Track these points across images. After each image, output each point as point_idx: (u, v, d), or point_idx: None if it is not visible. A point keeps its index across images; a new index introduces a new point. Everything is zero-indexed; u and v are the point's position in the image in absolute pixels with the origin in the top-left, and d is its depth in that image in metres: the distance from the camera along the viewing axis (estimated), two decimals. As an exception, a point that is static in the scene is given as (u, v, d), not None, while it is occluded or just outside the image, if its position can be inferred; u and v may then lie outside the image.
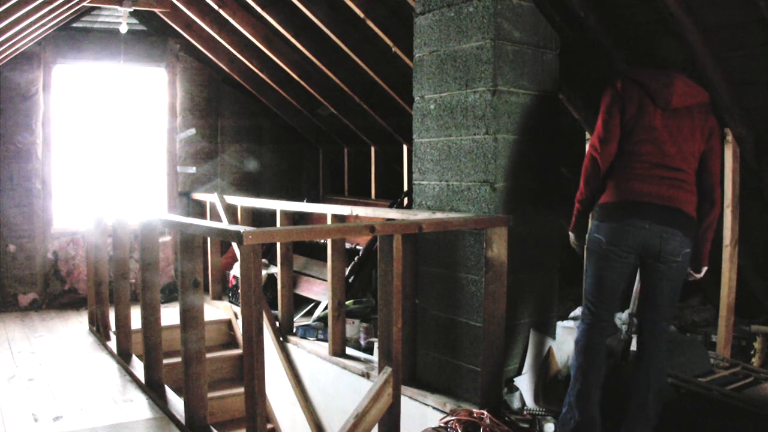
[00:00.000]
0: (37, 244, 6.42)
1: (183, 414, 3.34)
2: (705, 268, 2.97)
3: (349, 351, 4.40)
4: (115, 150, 6.86)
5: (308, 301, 5.60)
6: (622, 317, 3.79)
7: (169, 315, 4.53)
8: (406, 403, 3.28)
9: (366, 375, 4.00)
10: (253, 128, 7.54)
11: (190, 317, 3.20)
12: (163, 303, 4.29)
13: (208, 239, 6.01)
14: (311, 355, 4.61)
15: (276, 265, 5.24)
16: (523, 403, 3.26)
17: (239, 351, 5.61)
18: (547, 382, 3.29)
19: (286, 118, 7.27)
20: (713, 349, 3.68)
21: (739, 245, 3.57)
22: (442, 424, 3.10)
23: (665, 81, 2.80)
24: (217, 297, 6.26)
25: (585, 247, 3.01)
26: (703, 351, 3.49)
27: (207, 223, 4.69)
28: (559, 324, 3.65)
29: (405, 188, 6.09)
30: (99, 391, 3.99)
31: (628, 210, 2.76)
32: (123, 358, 4.49)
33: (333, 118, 6.71)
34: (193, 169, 7.12)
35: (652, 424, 2.74)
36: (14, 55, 6.03)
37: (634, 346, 3.52)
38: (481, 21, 3.32)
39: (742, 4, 2.80)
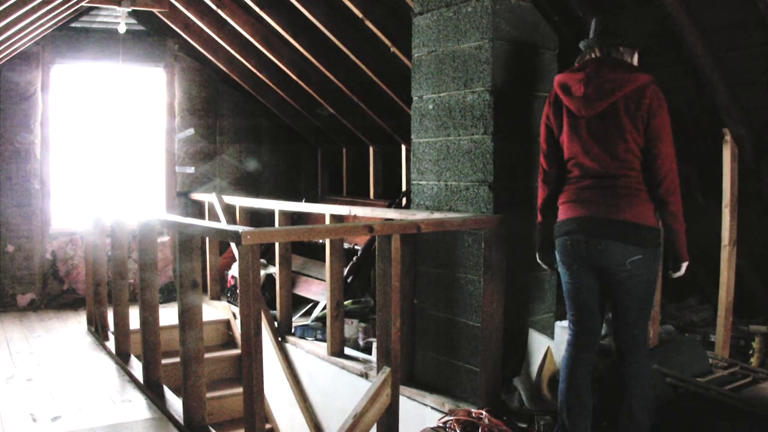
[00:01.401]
0: (36, 244, 6.42)
1: (181, 414, 3.34)
2: (685, 264, 2.74)
3: (347, 351, 4.39)
4: (113, 150, 6.86)
5: (307, 301, 5.59)
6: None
7: (168, 315, 4.52)
8: (404, 403, 3.28)
9: (364, 375, 4.00)
10: (251, 128, 7.54)
11: (189, 317, 3.20)
12: (161, 303, 4.28)
13: (207, 239, 6.01)
14: (310, 355, 4.61)
15: (274, 265, 5.24)
16: (522, 403, 3.26)
17: (238, 351, 5.60)
18: (546, 382, 3.29)
19: (285, 118, 7.27)
20: (712, 348, 3.69)
21: (737, 245, 3.57)
22: (441, 424, 3.10)
23: (578, 86, 2.68)
24: (216, 297, 6.25)
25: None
26: (702, 351, 3.49)
27: (205, 223, 4.69)
28: (558, 324, 3.64)
29: (403, 188, 6.09)
30: (97, 391, 3.99)
31: (567, 226, 2.77)
32: (121, 358, 4.49)
33: (332, 119, 6.71)
34: (191, 169, 7.12)
35: (645, 427, 2.73)
36: (13, 55, 6.03)
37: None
38: (480, 21, 3.32)
39: (742, 4, 2.80)
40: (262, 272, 5.71)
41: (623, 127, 2.62)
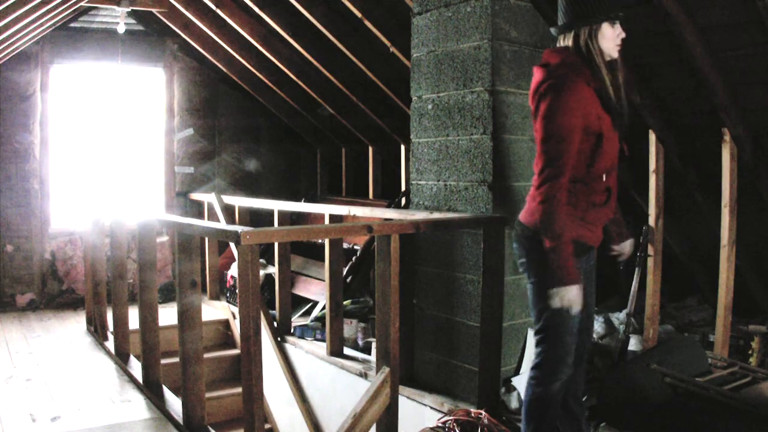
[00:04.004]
0: (35, 244, 6.41)
1: (181, 414, 3.34)
2: (560, 291, 2.31)
3: (346, 351, 4.39)
4: (112, 150, 6.86)
5: (306, 301, 5.59)
6: (620, 317, 3.79)
7: (167, 315, 4.52)
8: (403, 403, 3.28)
9: (364, 375, 4.00)
10: (251, 128, 7.54)
11: (188, 317, 3.20)
12: (160, 303, 4.29)
13: (206, 239, 6.01)
14: (309, 355, 4.61)
15: (274, 265, 5.24)
16: (521, 403, 3.25)
17: (237, 351, 5.60)
18: (545, 381, 3.29)
19: (284, 118, 7.27)
20: (711, 348, 3.68)
21: (736, 245, 3.57)
22: (440, 424, 3.10)
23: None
24: (215, 297, 6.25)
25: None
26: (701, 350, 3.49)
27: (205, 223, 4.69)
28: (557, 324, 3.64)
29: (403, 188, 6.09)
30: (97, 391, 3.99)
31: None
32: (121, 358, 4.49)
33: (331, 118, 6.71)
34: (191, 169, 7.12)
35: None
36: (12, 54, 6.03)
37: (632, 346, 3.53)
38: (479, 21, 3.32)
39: (741, 4, 2.80)
40: (261, 272, 5.71)
41: (535, 120, 2.47)
